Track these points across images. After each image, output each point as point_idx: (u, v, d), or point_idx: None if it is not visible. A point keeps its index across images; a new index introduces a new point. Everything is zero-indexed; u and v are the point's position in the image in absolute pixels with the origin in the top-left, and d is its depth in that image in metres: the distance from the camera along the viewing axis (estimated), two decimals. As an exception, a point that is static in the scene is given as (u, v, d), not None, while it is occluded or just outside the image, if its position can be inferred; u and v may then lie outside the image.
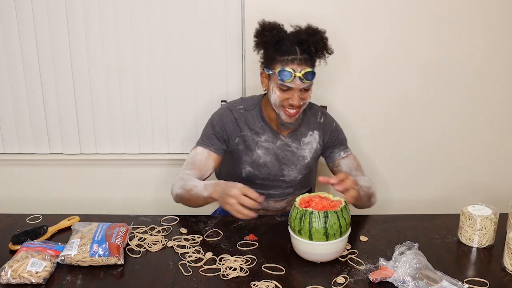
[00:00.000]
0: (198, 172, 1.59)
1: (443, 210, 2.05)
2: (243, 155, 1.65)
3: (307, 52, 1.52)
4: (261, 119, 1.65)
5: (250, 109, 1.66)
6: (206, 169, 1.61)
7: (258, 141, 1.64)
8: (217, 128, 1.63)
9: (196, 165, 1.60)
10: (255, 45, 1.59)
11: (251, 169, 1.66)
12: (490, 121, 2.17)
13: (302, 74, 1.48)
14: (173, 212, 1.63)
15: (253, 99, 1.69)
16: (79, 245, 1.29)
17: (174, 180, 1.58)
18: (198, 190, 1.47)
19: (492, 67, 2.09)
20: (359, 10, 2.00)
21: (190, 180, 1.52)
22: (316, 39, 1.52)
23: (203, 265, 1.30)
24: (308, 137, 1.68)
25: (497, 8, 2.01)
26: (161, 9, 2.00)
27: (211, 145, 1.63)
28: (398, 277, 1.20)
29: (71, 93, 2.10)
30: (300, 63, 1.49)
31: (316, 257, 1.32)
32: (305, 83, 1.50)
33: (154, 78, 2.09)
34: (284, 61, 1.50)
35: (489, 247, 1.41)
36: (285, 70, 1.48)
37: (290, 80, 1.49)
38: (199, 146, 1.64)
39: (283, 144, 1.66)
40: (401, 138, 2.18)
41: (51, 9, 1.99)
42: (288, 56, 1.49)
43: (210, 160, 1.62)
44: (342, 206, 1.32)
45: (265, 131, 1.64)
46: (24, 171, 2.20)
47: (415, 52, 2.06)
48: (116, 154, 2.19)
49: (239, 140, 1.64)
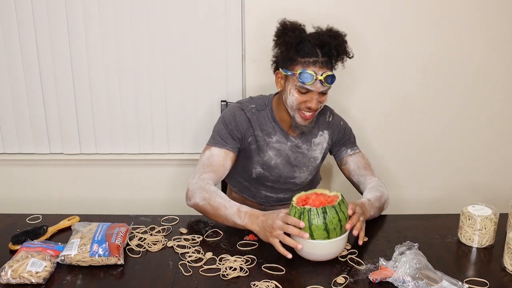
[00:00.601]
0: (215, 176, 1.54)
1: (443, 210, 2.05)
2: (254, 155, 1.63)
3: (328, 55, 1.50)
4: (272, 120, 1.63)
5: (261, 109, 1.63)
6: (223, 170, 1.56)
7: (269, 142, 1.62)
8: (230, 127, 1.59)
9: (214, 167, 1.54)
10: (275, 44, 1.55)
11: (262, 170, 1.65)
12: (490, 121, 2.17)
13: (323, 77, 1.46)
14: (173, 212, 1.63)
15: (264, 99, 1.67)
16: (79, 245, 1.29)
17: (192, 185, 1.50)
18: (229, 213, 1.40)
19: (492, 67, 2.09)
20: (358, 10, 2.00)
21: (216, 196, 1.44)
22: (338, 43, 1.50)
23: (203, 265, 1.30)
24: (319, 137, 1.67)
25: (497, 8, 2.01)
26: (161, 9, 2.00)
27: (226, 144, 1.58)
28: (398, 277, 1.20)
29: (71, 93, 2.10)
30: (322, 66, 1.47)
31: (316, 256, 1.32)
32: (325, 86, 1.49)
33: (154, 78, 2.09)
34: (306, 63, 1.47)
35: (489, 247, 1.41)
36: (306, 72, 1.46)
37: (311, 83, 1.47)
38: (213, 146, 1.58)
39: (293, 145, 1.64)
40: (401, 138, 2.18)
41: (51, 9, 1.99)
42: (310, 58, 1.47)
43: (228, 160, 1.57)
44: (339, 200, 1.31)
45: (276, 132, 1.62)
46: (24, 171, 2.20)
47: (415, 52, 2.06)
48: (116, 154, 2.19)
49: (252, 139, 1.62)
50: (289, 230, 1.28)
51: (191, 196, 1.50)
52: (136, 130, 2.15)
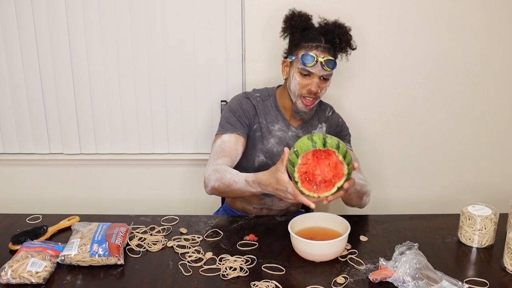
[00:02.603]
0: (229, 159, 1.56)
1: (443, 210, 2.05)
2: (258, 143, 1.67)
3: (331, 43, 1.57)
4: (275, 108, 1.68)
5: (265, 99, 1.69)
6: (236, 155, 1.59)
7: (272, 130, 1.67)
8: (238, 113, 1.63)
9: (226, 152, 1.57)
10: (282, 30, 1.63)
11: (264, 158, 1.67)
12: (490, 121, 2.17)
13: (324, 60, 1.53)
14: (173, 212, 1.63)
15: (267, 90, 1.73)
16: (79, 245, 1.29)
17: (207, 173, 1.53)
18: (241, 187, 1.43)
19: (492, 67, 2.09)
20: (359, 11, 2.00)
21: (226, 173, 1.47)
22: (341, 32, 1.57)
23: (203, 265, 1.30)
24: (318, 129, 1.72)
25: (498, 8, 2.01)
26: (161, 9, 2.00)
27: (236, 129, 1.61)
28: (398, 277, 1.20)
29: (71, 93, 2.10)
30: (324, 51, 1.54)
31: (315, 257, 1.32)
32: (326, 70, 1.55)
33: (154, 78, 2.09)
34: (308, 47, 1.55)
35: (489, 247, 1.41)
36: (308, 54, 1.53)
37: (312, 64, 1.53)
38: (223, 134, 1.61)
39: (294, 135, 1.69)
40: (401, 138, 2.18)
41: (51, 9, 1.99)
42: (313, 43, 1.55)
43: (239, 144, 1.61)
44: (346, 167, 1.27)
45: (278, 120, 1.67)
46: (24, 171, 2.20)
47: (415, 53, 2.06)
48: (116, 154, 2.19)
49: (257, 127, 1.66)
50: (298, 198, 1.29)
51: (208, 183, 1.52)
52: (136, 130, 2.15)
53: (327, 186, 1.27)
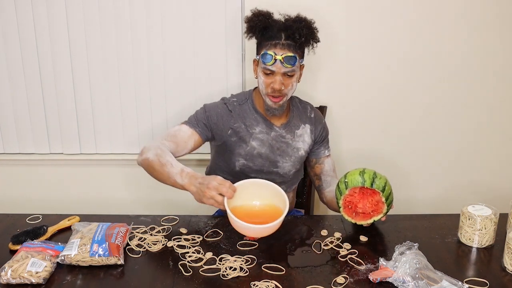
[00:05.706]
0: (175, 147, 1.59)
1: (443, 210, 2.05)
2: (236, 147, 1.66)
3: (291, 39, 1.55)
4: (254, 111, 1.68)
5: (243, 103, 1.69)
6: (183, 147, 1.62)
7: (252, 133, 1.66)
8: (207, 114, 1.65)
9: (177, 139, 1.61)
10: (245, 31, 1.64)
11: (245, 161, 1.67)
12: (490, 121, 2.17)
13: (282, 57, 1.52)
14: (173, 212, 1.63)
15: (244, 93, 1.73)
16: (79, 245, 1.29)
17: (148, 144, 1.56)
18: (173, 171, 1.44)
19: (492, 67, 2.09)
20: (358, 10, 2.00)
21: (167, 155, 1.49)
22: (300, 26, 1.56)
23: (203, 265, 1.30)
24: (301, 129, 1.72)
25: (498, 8, 2.01)
26: (161, 8, 2.00)
27: (197, 126, 1.64)
28: (398, 277, 1.20)
29: (71, 93, 2.10)
30: (283, 48, 1.54)
31: (245, 233, 1.37)
32: (286, 67, 1.54)
33: (154, 78, 2.09)
34: (268, 46, 1.55)
35: (489, 247, 1.41)
36: (267, 53, 1.54)
37: (271, 63, 1.53)
38: (185, 124, 1.65)
39: (278, 135, 1.68)
40: (401, 138, 2.18)
41: (51, 9, 1.99)
42: (272, 41, 1.55)
43: (192, 140, 1.63)
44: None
45: (259, 122, 1.67)
46: (24, 171, 2.20)
47: (415, 53, 2.06)
48: (116, 154, 2.19)
49: (231, 132, 1.65)
50: (222, 190, 1.33)
51: (145, 152, 1.54)
52: (136, 130, 2.15)
53: (364, 217, 1.45)
